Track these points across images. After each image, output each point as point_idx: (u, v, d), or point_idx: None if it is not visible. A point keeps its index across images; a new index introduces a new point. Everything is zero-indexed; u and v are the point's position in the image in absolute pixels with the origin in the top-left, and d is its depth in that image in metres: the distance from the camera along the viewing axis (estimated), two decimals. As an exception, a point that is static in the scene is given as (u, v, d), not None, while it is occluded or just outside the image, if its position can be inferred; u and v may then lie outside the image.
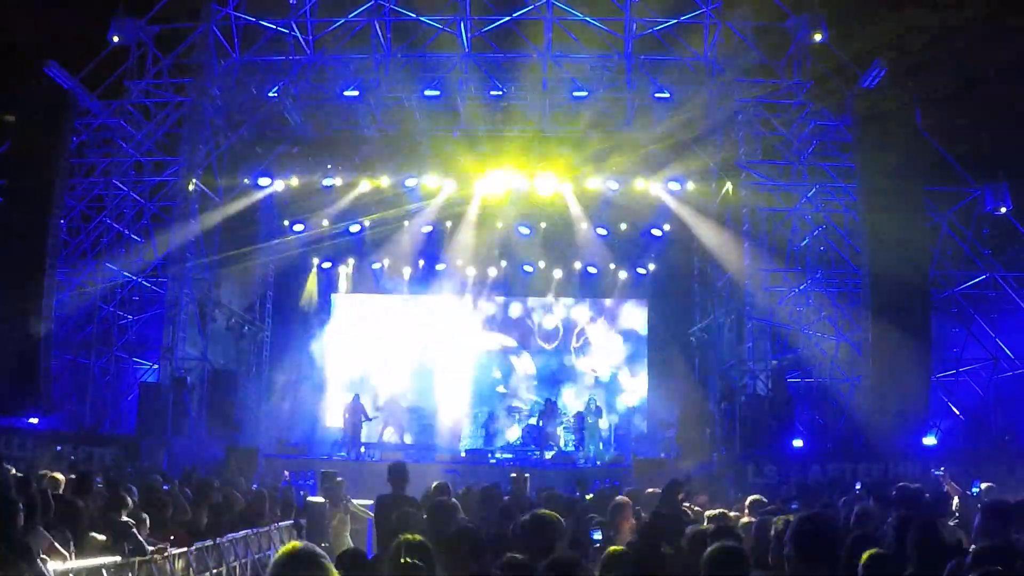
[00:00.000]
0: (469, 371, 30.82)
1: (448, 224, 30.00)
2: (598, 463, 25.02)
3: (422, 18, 23.09)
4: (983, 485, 11.20)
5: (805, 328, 23.66)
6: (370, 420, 26.82)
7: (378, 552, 8.14)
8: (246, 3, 23.54)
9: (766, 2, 23.23)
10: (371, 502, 12.20)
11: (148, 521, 10.22)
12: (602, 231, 29.48)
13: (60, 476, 11.47)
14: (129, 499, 10.57)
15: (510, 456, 26.92)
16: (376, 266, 31.10)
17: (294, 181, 27.37)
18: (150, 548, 9.95)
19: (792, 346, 24.25)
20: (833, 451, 21.66)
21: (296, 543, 3.77)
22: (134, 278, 23.62)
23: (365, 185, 27.38)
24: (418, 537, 4.11)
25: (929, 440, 20.92)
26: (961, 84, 22.66)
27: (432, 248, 30.66)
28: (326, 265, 31.04)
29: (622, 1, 22.82)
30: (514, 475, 14.21)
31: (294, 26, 23.29)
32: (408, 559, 4.08)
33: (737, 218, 24.59)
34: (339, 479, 15.20)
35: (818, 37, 22.82)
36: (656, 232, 29.35)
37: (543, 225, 29.68)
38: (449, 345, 31.09)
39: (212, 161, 24.93)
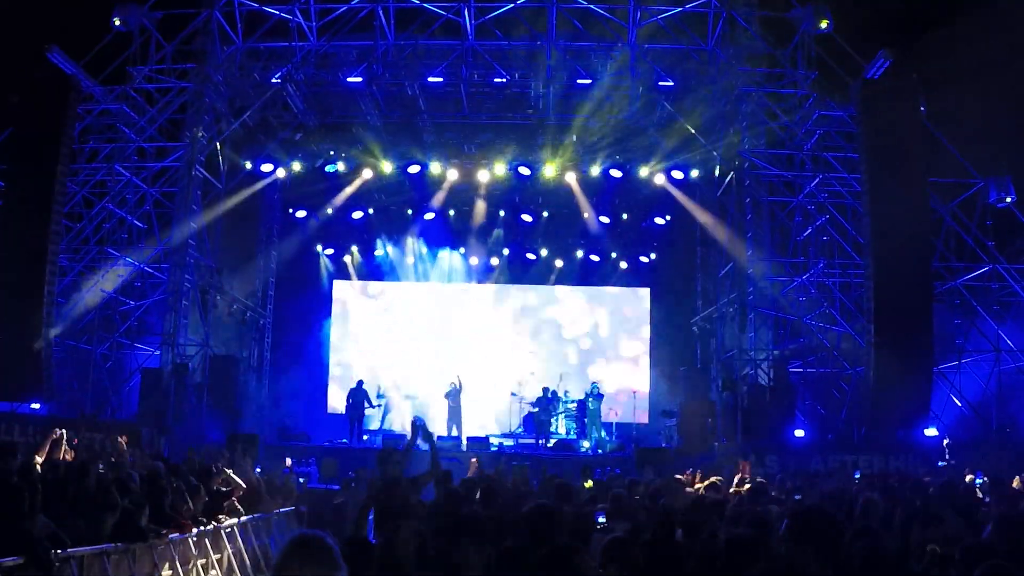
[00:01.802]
0: (470, 359, 30.80)
1: (450, 212, 30.03)
2: (599, 452, 25.02)
3: (425, 5, 23.03)
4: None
5: (807, 318, 23.66)
6: (374, 407, 26.81)
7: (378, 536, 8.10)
8: (249, -11, 23.54)
9: (771, -9, 23.24)
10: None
11: (148, 507, 10.22)
12: (605, 219, 29.46)
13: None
14: (130, 485, 10.59)
15: (511, 444, 26.91)
16: (378, 253, 31.09)
17: (297, 167, 27.43)
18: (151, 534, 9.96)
19: (794, 336, 24.27)
20: (834, 442, 21.66)
21: (306, 531, 3.75)
22: (136, 264, 23.62)
23: (368, 172, 27.43)
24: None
25: (931, 431, 20.91)
26: (966, 75, 22.60)
27: (434, 235, 30.71)
28: (328, 252, 31.04)
29: (627, -11, 22.80)
30: (515, 464, 14.27)
31: (297, 12, 23.26)
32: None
33: (740, 207, 24.55)
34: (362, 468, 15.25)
35: (824, 25, 22.79)
36: (659, 221, 29.40)
37: (546, 213, 29.67)
38: (451, 332, 31.09)
39: (215, 147, 24.92)
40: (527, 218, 29.78)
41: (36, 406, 21.37)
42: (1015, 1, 21.86)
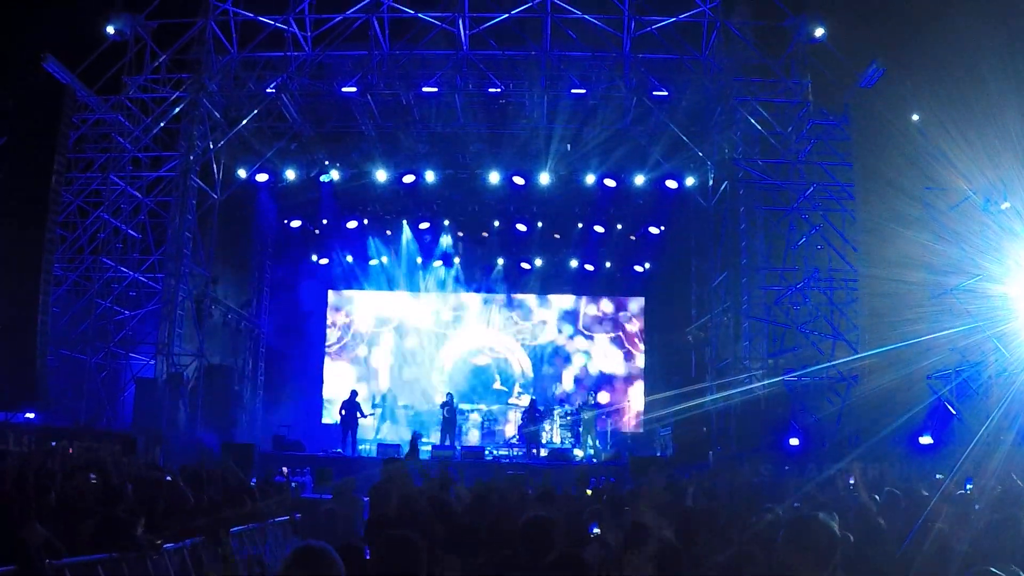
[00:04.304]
0: (465, 368, 30.83)
1: (445, 221, 30.05)
2: (594, 461, 25.02)
3: (420, 15, 23.07)
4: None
5: (802, 327, 23.69)
6: (365, 417, 26.77)
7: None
8: (244, -1, 23.59)
9: (765, 2, 23.28)
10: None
11: (143, 517, 10.20)
12: (599, 229, 29.51)
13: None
14: (125, 495, 10.57)
15: (506, 453, 26.93)
16: (373, 262, 31.11)
17: (291, 176, 27.43)
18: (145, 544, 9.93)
19: (789, 345, 24.28)
20: (829, 450, 21.66)
21: (307, 542, 3.79)
22: (131, 274, 23.60)
23: (362, 181, 27.44)
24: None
25: (925, 439, 20.94)
26: (959, 84, 22.67)
27: (429, 244, 30.73)
28: (323, 261, 31.04)
29: (621, -1, 22.86)
30: (510, 473, 14.28)
31: (292, 22, 23.29)
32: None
33: (734, 216, 24.61)
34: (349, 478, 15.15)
35: (819, 33, 22.87)
36: (653, 230, 29.44)
37: (540, 223, 29.70)
38: (445, 341, 31.11)
39: (210, 157, 24.94)
40: (522, 228, 29.81)
41: (31, 415, 21.33)
42: (1008, 10, 21.94)
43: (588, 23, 23.19)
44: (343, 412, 26.22)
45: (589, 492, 13.92)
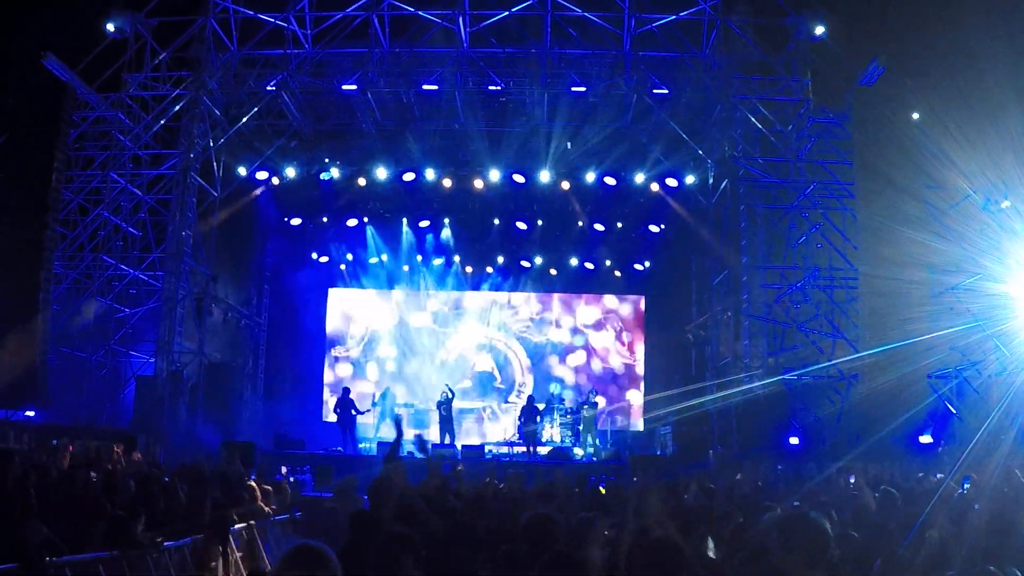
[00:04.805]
0: (465, 366, 30.80)
1: (445, 219, 30.02)
2: (594, 459, 25.01)
3: (420, 12, 23.07)
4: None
5: (802, 325, 23.69)
6: (361, 414, 26.71)
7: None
8: (245, -4, 23.60)
9: (766, 0, 23.29)
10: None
11: (144, 515, 10.20)
12: (599, 227, 29.47)
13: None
14: (125, 492, 10.58)
15: (506, 451, 26.90)
16: (373, 260, 31.07)
17: (292, 174, 27.42)
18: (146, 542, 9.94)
19: (789, 343, 24.28)
20: (829, 449, 21.67)
21: (304, 541, 3.79)
22: (131, 271, 23.60)
23: (362, 179, 27.43)
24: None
25: (925, 438, 20.94)
26: (959, 82, 22.67)
27: (429, 243, 30.69)
28: (323, 259, 31.00)
29: (621, -3, 22.87)
30: (510, 472, 14.28)
31: (293, 20, 23.31)
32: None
33: (734, 215, 24.61)
34: (350, 477, 15.14)
35: (819, 31, 22.88)
36: (653, 228, 29.40)
37: (540, 221, 29.66)
38: (445, 340, 31.08)
39: (210, 155, 24.94)
40: (522, 226, 29.78)
41: (31, 413, 21.34)
42: (1009, 8, 21.92)
43: (588, 21, 23.21)
44: (338, 411, 26.21)
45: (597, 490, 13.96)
